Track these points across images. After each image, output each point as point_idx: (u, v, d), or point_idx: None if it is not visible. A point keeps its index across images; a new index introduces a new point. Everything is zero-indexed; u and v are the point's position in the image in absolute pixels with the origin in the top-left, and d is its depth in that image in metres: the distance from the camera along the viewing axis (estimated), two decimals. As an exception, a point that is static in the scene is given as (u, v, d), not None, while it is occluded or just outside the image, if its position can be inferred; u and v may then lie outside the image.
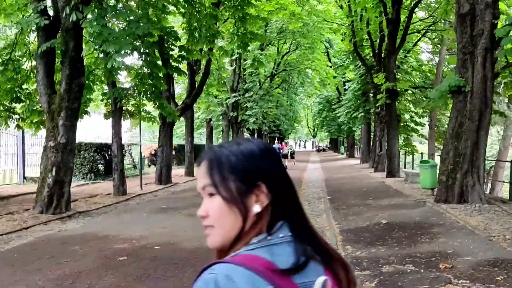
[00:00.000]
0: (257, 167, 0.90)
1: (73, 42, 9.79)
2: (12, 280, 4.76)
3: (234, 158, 0.90)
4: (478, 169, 8.95)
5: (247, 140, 0.97)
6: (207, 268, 0.83)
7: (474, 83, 8.86)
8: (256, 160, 0.91)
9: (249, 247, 0.86)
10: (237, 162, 0.90)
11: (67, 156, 9.83)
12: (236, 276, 0.78)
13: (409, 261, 5.24)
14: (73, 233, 7.40)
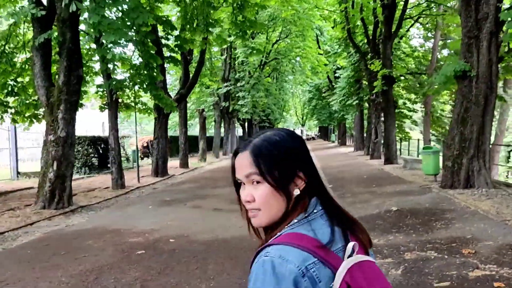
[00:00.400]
0: (295, 156, 1.05)
1: (70, 33, 9.53)
2: (33, 277, 4.63)
3: (275, 149, 1.03)
4: (484, 153, 8.96)
5: (278, 131, 1.10)
6: (261, 251, 0.98)
7: (480, 67, 8.83)
8: (293, 150, 1.05)
9: (291, 226, 1.02)
10: (277, 152, 1.03)
11: (67, 150, 9.63)
12: (287, 255, 0.94)
13: (430, 247, 5.21)
14: (82, 228, 7.25)
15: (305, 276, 0.93)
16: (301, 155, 1.06)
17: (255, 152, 1.03)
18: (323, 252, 0.97)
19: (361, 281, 0.95)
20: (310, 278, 0.94)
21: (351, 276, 0.95)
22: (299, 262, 0.94)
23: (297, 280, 0.92)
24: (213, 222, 7.28)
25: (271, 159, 1.02)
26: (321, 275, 0.95)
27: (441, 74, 9.23)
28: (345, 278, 0.95)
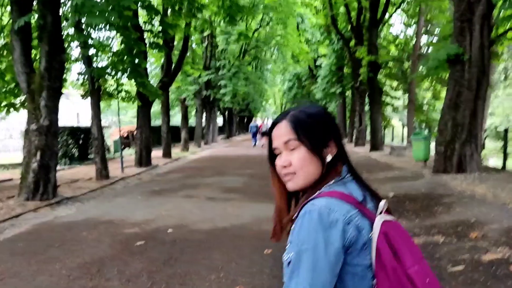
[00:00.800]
0: (328, 127, 1.16)
1: (51, 16, 9.07)
2: (31, 270, 4.36)
3: (312, 119, 1.15)
4: (475, 138, 9.01)
5: (313, 105, 1.22)
6: (306, 203, 1.08)
7: (472, 51, 8.83)
8: (327, 121, 1.17)
9: (329, 186, 1.13)
10: (314, 122, 1.14)
11: (51, 139, 9.22)
12: (333, 206, 1.04)
13: (436, 232, 5.15)
14: (72, 220, 6.95)
15: (350, 224, 1.04)
16: (332, 127, 1.18)
17: (293, 121, 1.15)
18: (361, 207, 1.09)
19: (394, 234, 1.07)
20: (354, 226, 1.04)
21: (386, 229, 1.07)
22: (344, 211, 1.04)
23: (344, 228, 1.02)
24: (209, 212, 7.09)
25: (308, 127, 1.14)
26: (363, 224, 1.06)
27: (434, 58, 9.19)
28: (381, 229, 1.06)
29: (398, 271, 1.04)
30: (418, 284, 1.03)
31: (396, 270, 1.04)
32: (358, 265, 1.05)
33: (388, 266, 1.04)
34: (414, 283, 1.03)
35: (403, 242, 1.08)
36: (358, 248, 1.05)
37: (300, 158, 1.12)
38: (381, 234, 1.05)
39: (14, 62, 9.22)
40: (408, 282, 1.03)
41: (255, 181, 10.80)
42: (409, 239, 1.10)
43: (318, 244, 1.00)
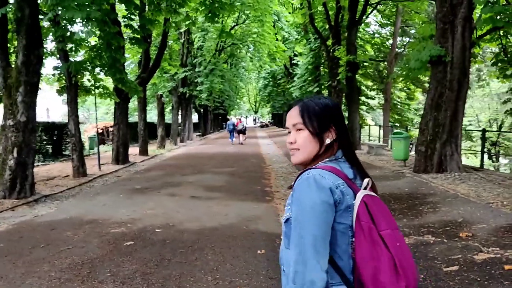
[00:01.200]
0: (330, 114, 1.42)
1: (29, 9, 8.75)
2: (18, 272, 4.17)
3: (318, 108, 1.42)
4: (456, 138, 9.20)
5: (323, 96, 1.50)
6: (303, 173, 1.36)
7: (454, 52, 9.00)
8: (330, 110, 1.43)
9: (324, 162, 1.41)
10: (319, 110, 1.41)
11: (28, 136, 8.91)
12: (325, 174, 1.33)
13: (426, 231, 5.23)
14: (54, 219, 6.72)
15: (338, 189, 1.32)
16: (336, 116, 1.44)
17: (302, 107, 1.44)
18: (348, 180, 1.37)
19: (373, 205, 1.34)
20: (340, 191, 1.32)
21: (366, 200, 1.34)
22: (333, 179, 1.33)
23: (332, 190, 1.31)
24: (195, 211, 6.99)
25: (311, 114, 1.42)
26: (347, 191, 1.34)
27: (416, 59, 9.33)
28: (363, 198, 1.33)
29: (372, 230, 1.30)
30: (388, 244, 1.28)
31: (371, 229, 1.30)
32: (342, 223, 1.33)
33: (365, 225, 1.30)
34: (385, 242, 1.29)
35: (380, 212, 1.34)
36: (342, 208, 1.32)
37: (303, 138, 1.42)
38: (362, 202, 1.33)
39: (-11, 55, 8.85)
40: (380, 240, 1.29)
41: (236, 179, 10.74)
42: (387, 212, 1.37)
43: (315, 201, 1.29)
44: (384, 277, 1.27)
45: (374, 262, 1.28)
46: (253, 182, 10.26)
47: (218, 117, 65.47)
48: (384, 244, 1.28)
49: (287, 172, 12.55)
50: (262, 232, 5.54)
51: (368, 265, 1.29)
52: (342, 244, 1.33)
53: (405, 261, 1.29)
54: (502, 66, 10.90)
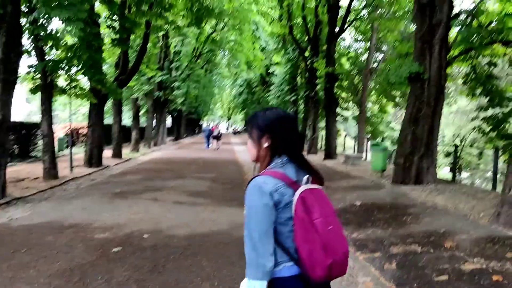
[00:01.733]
0: (266, 125, 1.82)
1: (11, 6, 8.53)
2: (5, 277, 4.03)
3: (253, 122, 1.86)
4: (432, 152, 9.53)
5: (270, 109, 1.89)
6: (251, 180, 1.75)
7: (431, 71, 9.35)
8: (269, 121, 1.82)
9: (271, 166, 1.80)
10: (254, 124, 1.85)
11: (3, 135, 8.65)
12: (267, 180, 1.72)
13: (411, 241, 5.38)
14: (31, 222, 6.51)
15: (277, 192, 1.72)
16: (275, 127, 1.82)
17: (248, 121, 1.91)
18: (289, 181, 1.76)
19: (311, 197, 1.72)
20: (279, 193, 1.72)
21: (304, 194, 1.72)
22: (273, 184, 1.73)
23: (272, 194, 1.71)
24: (182, 216, 6.93)
25: (251, 126, 1.88)
26: (286, 192, 1.74)
27: (396, 74, 9.62)
28: (301, 194, 1.72)
29: (305, 220, 1.69)
30: (319, 229, 1.68)
31: (304, 219, 1.69)
32: (283, 217, 1.75)
33: (300, 217, 1.70)
34: (316, 228, 1.68)
35: (318, 203, 1.73)
36: (282, 206, 1.74)
37: (249, 144, 1.91)
38: (299, 198, 1.71)
39: (-32, 51, 8.55)
40: (312, 227, 1.68)
41: (218, 185, 10.72)
42: (325, 201, 1.77)
43: (258, 205, 1.70)
44: (315, 255, 1.68)
45: (309, 244, 1.69)
46: (236, 188, 10.26)
47: (191, 122, 65.11)
48: (316, 230, 1.67)
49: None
50: (252, 239, 5.55)
51: (304, 247, 1.70)
52: (285, 232, 1.76)
53: (333, 242, 1.70)
54: (472, 85, 11.36)
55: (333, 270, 1.70)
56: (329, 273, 1.69)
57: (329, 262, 1.67)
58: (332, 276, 1.72)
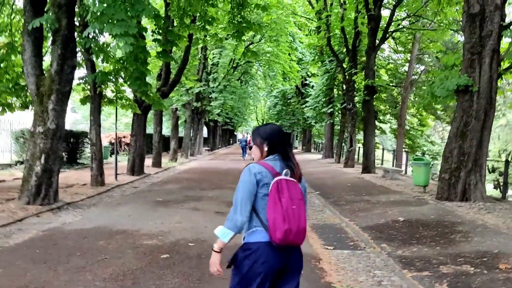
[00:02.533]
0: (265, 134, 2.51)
1: (66, 20, 8.95)
2: (61, 280, 4.20)
3: (257, 133, 2.56)
4: (480, 168, 9.21)
5: (266, 124, 2.64)
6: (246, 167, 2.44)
7: (481, 83, 9.08)
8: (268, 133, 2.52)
9: (266, 159, 2.47)
10: (257, 134, 2.54)
11: (56, 143, 9.02)
12: (255, 166, 2.41)
13: (463, 261, 5.21)
14: (83, 227, 6.76)
15: (259, 174, 2.36)
16: (272, 136, 2.50)
17: (252, 133, 2.64)
18: (273, 170, 2.39)
19: (284, 184, 2.33)
20: (260, 175, 2.36)
21: (280, 181, 2.34)
22: (258, 168, 2.38)
23: (256, 174, 2.35)
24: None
25: (254, 136, 2.55)
26: (267, 175, 2.37)
27: (443, 87, 9.41)
28: (277, 180, 2.34)
29: (275, 197, 2.30)
30: (283, 206, 2.28)
31: (274, 197, 2.31)
32: (261, 192, 2.37)
33: (272, 194, 2.32)
34: (281, 204, 2.28)
35: (288, 189, 2.33)
36: (261, 185, 2.37)
37: (254, 149, 2.56)
38: (275, 182, 2.33)
39: (24, 63, 9.03)
40: (279, 202, 2.29)
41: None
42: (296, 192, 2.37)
43: (245, 180, 2.37)
44: (277, 222, 2.27)
45: (274, 214, 2.29)
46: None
47: (226, 133, 65.77)
48: (281, 206, 2.28)
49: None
50: (297, 253, 5.53)
51: (271, 216, 2.30)
52: (261, 204, 2.37)
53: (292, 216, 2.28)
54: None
55: (289, 235, 2.26)
56: (286, 237, 2.26)
57: (286, 227, 2.25)
58: (288, 240, 2.27)
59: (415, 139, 26.21)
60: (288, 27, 31.05)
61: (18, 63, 11.35)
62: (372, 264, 5.25)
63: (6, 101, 12.03)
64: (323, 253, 5.70)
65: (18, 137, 17.01)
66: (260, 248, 2.31)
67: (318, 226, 7.63)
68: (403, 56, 26.88)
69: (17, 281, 4.21)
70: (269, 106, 62.13)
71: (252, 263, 2.32)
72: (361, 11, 18.60)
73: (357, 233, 7.01)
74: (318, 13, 22.94)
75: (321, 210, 9.47)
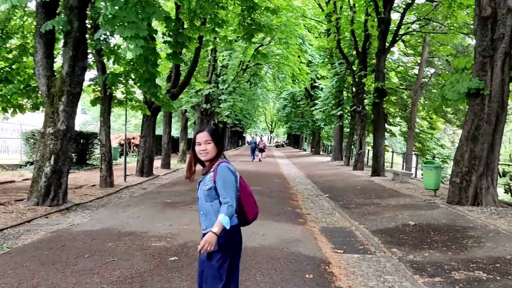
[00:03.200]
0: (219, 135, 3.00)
1: (78, 22, 9.02)
2: (69, 282, 4.19)
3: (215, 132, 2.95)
4: (492, 172, 9.09)
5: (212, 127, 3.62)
6: (219, 165, 2.86)
7: (493, 86, 8.97)
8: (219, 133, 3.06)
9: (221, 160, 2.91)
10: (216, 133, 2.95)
11: (66, 144, 9.08)
12: (229, 165, 2.89)
13: (475, 267, 5.12)
14: (91, 229, 6.77)
15: (235, 171, 2.88)
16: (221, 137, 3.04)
17: (210, 132, 2.92)
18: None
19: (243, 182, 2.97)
20: (235, 172, 2.89)
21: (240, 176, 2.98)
22: (232, 167, 2.89)
23: (234, 172, 2.87)
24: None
25: (215, 135, 2.91)
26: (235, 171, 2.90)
27: (453, 90, 9.31)
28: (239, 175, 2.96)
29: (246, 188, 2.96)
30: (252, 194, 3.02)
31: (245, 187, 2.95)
32: (237, 186, 2.84)
33: (242, 186, 2.93)
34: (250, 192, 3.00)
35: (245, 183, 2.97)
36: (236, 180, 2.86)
37: (212, 147, 2.87)
38: (240, 177, 2.93)
39: (36, 64, 9.11)
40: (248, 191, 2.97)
41: (265, 199, 10.71)
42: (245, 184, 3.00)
43: (230, 178, 2.79)
44: (251, 207, 2.96)
45: (248, 201, 2.95)
46: (282, 203, 10.23)
47: (235, 134, 65.84)
48: (251, 193, 2.98)
49: (314, 195, 12.50)
50: (306, 256, 5.49)
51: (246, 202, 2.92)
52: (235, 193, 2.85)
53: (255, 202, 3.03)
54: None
55: (256, 216, 3.01)
56: (255, 217, 3.00)
57: (257, 210, 3.02)
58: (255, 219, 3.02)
59: (425, 142, 25.98)
60: (297, 29, 31.01)
61: (30, 65, 11.46)
62: (383, 269, 5.18)
63: (17, 102, 12.14)
64: (333, 256, 5.65)
65: (28, 138, 17.16)
66: (236, 228, 2.88)
67: (327, 229, 7.57)
68: (413, 59, 26.76)
69: (25, 282, 4.21)
70: (278, 108, 62.16)
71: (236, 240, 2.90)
72: (371, 14, 18.53)
73: (367, 237, 6.94)
74: (328, 16, 22.89)
75: (331, 213, 9.41)
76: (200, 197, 2.89)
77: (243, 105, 36.02)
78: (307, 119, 40.81)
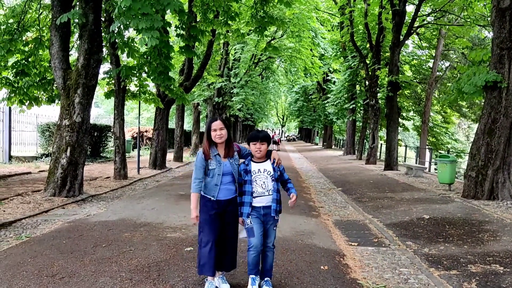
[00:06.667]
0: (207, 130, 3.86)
1: (93, 15, 9.08)
2: (88, 270, 4.26)
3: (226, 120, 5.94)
4: (509, 165, 8.97)
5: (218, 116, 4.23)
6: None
7: (510, 79, 8.84)
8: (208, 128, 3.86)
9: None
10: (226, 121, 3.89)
11: (82, 136, 9.18)
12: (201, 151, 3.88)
13: (492, 260, 5.08)
14: (107, 219, 6.86)
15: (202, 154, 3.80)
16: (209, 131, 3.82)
17: (223, 120, 3.82)
18: None
19: None
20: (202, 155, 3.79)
21: None
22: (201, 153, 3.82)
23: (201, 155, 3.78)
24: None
25: (226, 122, 3.81)
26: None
27: (470, 83, 9.19)
28: None
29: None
30: None
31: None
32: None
33: None
34: None
35: None
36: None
37: (225, 132, 3.74)
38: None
39: (52, 57, 9.20)
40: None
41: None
42: None
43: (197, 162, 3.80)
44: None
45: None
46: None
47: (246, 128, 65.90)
48: None
49: (326, 188, 12.48)
50: (320, 248, 5.50)
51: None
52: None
53: None
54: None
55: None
56: None
57: None
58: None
59: (438, 137, 25.71)
60: (310, 22, 30.82)
61: (45, 58, 11.58)
62: (398, 262, 5.17)
63: (33, 95, 12.28)
64: (347, 249, 5.65)
65: (43, 131, 17.39)
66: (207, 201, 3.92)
67: (341, 222, 7.57)
68: (428, 52, 26.43)
69: (44, 270, 4.29)
70: (290, 102, 62.00)
71: None
72: (385, 7, 18.34)
73: (381, 230, 6.92)
74: (341, 9, 22.72)
75: (344, 206, 9.39)
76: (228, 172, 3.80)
77: (255, 98, 35.97)
78: (319, 113, 40.67)
